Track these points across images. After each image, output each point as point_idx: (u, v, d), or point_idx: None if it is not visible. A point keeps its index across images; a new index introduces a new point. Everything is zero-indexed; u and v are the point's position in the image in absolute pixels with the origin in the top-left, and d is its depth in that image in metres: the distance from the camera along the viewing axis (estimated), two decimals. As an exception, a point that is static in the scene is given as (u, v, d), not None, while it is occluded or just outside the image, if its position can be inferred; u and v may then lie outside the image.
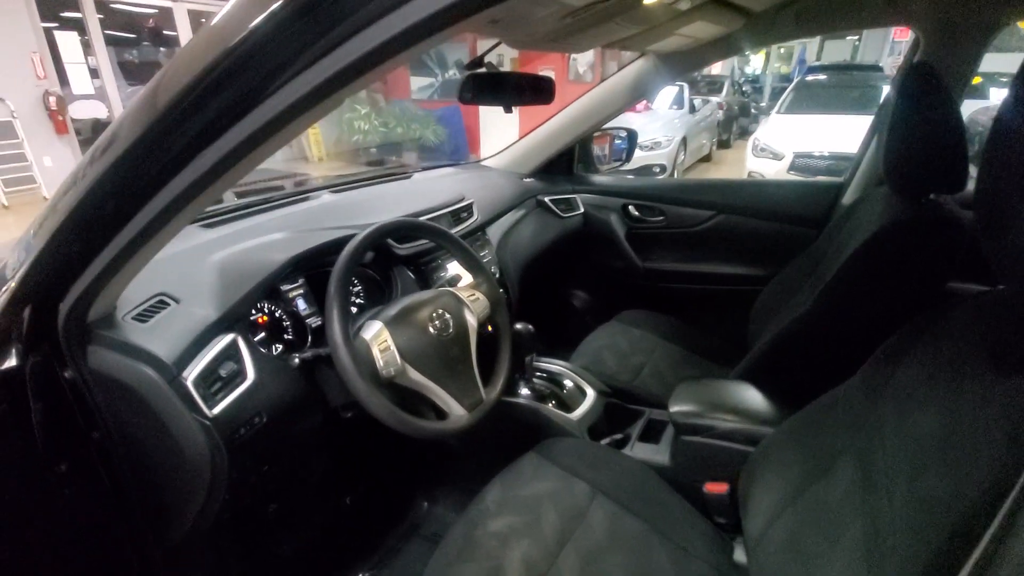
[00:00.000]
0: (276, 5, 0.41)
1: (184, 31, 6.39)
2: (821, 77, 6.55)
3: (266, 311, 0.90)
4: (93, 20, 5.65)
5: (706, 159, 7.63)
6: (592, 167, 1.90)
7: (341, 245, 0.87)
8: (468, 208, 1.40)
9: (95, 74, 5.83)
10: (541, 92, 1.08)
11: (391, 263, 1.12)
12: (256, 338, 0.85)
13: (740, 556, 0.81)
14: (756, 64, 16.04)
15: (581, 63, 7.81)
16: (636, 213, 1.80)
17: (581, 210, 1.81)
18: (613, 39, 1.14)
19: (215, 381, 0.74)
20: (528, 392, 1.18)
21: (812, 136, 4.96)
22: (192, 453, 0.70)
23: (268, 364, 0.83)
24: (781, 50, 15.53)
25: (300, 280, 0.95)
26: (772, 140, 5.19)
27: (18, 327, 0.60)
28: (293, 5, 0.41)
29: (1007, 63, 5.55)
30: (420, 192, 1.45)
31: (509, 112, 1.04)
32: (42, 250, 0.58)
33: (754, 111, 10.50)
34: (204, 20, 6.39)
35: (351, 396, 0.78)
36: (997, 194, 0.44)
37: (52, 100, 5.33)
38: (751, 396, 0.99)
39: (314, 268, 0.97)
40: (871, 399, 0.62)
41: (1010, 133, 0.44)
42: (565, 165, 1.86)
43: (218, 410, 0.73)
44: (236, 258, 0.90)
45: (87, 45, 5.68)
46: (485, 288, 1.04)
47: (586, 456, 0.96)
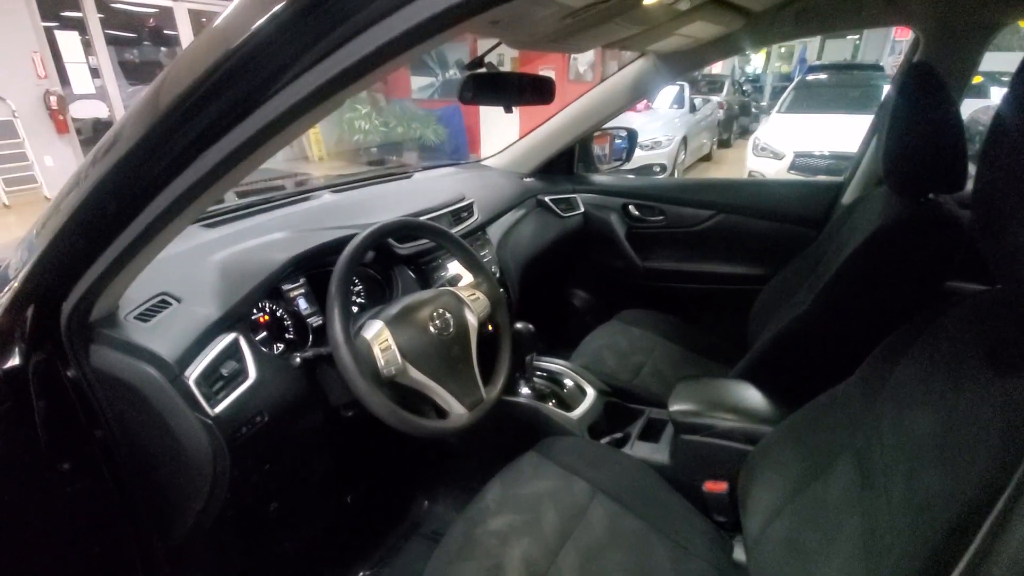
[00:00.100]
0: (278, 7, 0.42)
1: (185, 30, 6.39)
2: (822, 76, 6.55)
3: (267, 310, 0.90)
4: (94, 19, 5.65)
5: (706, 158, 7.63)
6: (592, 167, 1.90)
7: (342, 245, 0.87)
8: (468, 208, 1.40)
9: (96, 73, 5.84)
10: (541, 92, 1.08)
11: (392, 263, 1.12)
12: (257, 337, 0.86)
13: (739, 554, 0.81)
14: (757, 63, 16.02)
15: (581, 62, 7.81)
16: (636, 213, 1.80)
17: (581, 210, 1.81)
18: (613, 39, 1.14)
19: (217, 380, 0.75)
20: (528, 391, 1.18)
21: (812, 135, 4.96)
22: (194, 452, 0.71)
23: (269, 363, 0.83)
24: (782, 49, 15.51)
25: (301, 280, 0.95)
26: (772, 139, 5.18)
27: (21, 326, 0.60)
28: (295, 7, 0.41)
29: (1009, 62, 5.54)
30: (420, 192, 1.45)
31: (509, 112, 1.04)
32: (45, 250, 0.58)
33: (754, 110, 10.49)
34: (205, 19, 6.42)
35: (352, 395, 0.78)
36: (995, 193, 0.45)
37: (53, 99, 5.34)
38: (750, 395, 1.00)
39: (315, 268, 0.97)
40: (869, 398, 0.62)
41: (1009, 133, 0.44)
42: (565, 165, 1.86)
43: (220, 409, 0.73)
44: (237, 258, 0.90)
45: (88, 44, 5.68)
46: (485, 287, 1.05)
47: (586, 455, 0.96)
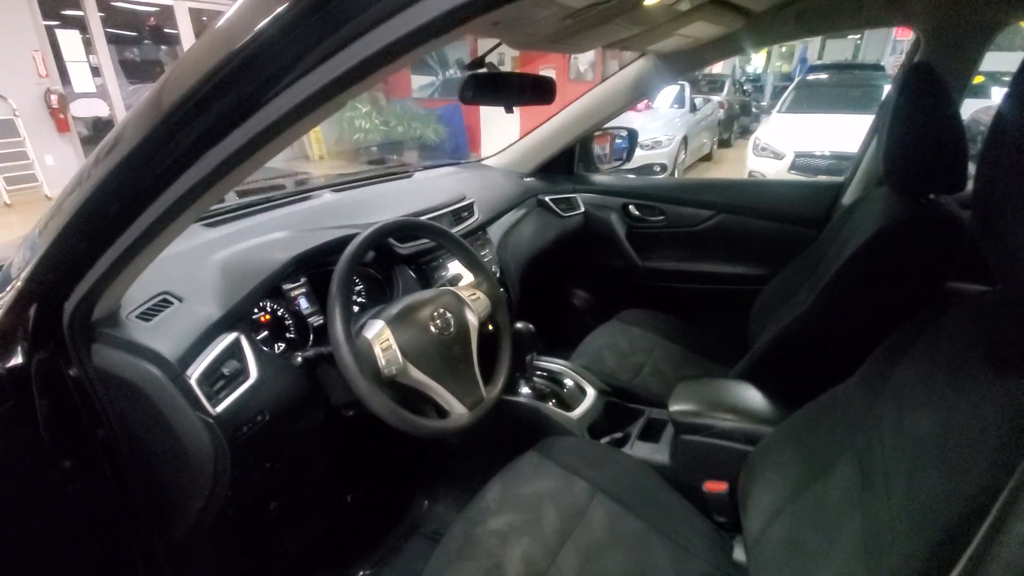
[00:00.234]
0: (281, 8, 0.42)
1: (185, 29, 6.39)
2: (822, 76, 6.54)
3: (268, 310, 0.90)
4: (94, 18, 5.65)
5: (707, 158, 7.62)
6: (593, 166, 1.90)
7: (343, 244, 0.87)
8: (469, 207, 1.40)
9: (96, 72, 5.84)
10: (542, 92, 1.08)
11: (392, 262, 1.12)
12: (258, 337, 0.86)
13: (739, 555, 0.81)
14: (757, 63, 16.01)
15: (582, 62, 7.81)
16: (636, 212, 1.80)
17: (581, 209, 1.81)
18: (614, 39, 1.14)
19: (218, 379, 0.75)
20: (528, 391, 1.18)
21: (813, 135, 4.95)
22: (195, 451, 0.71)
23: (270, 363, 0.83)
24: (782, 49, 15.49)
25: (302, 279, 0.95)
26: (773, 139, 5.18)
27: (24, 325, 0.61)
28: (298, 8, 0.42)
29: (1010, 62, 5.53)
30: (421, 191, 1.45)
31: (510, 112, 1.04)
32: (48, 249, 0.58)
33: (755, 110, 10.48)
34: (205, 18, 6.42)
35: (353, 395, 0.78)
36: (995, 194, 0.44)
37: (54, 98, 5.34)
38: (751, 395, 1.00)
39: (316, 267, 0.97)
40: (870, 398, 0.62)
41: (1009, 133, 0.44)
42: (566, 164, 1.86)
43: (221, 408, 0.73)
44: (238, 257, 0.91)
45: (88, 43, 5.68)
46: (486, 287, 1.05)
47: (586, 455, 0.96)
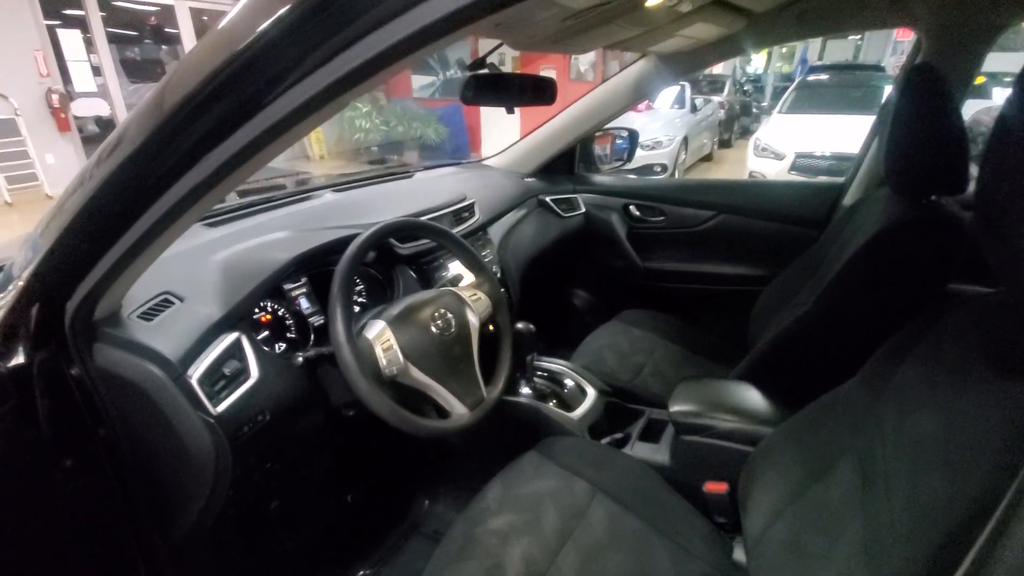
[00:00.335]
0: (283, 10, 0.42)
1: (186, 29, 6.39)
2: (823, 77, 6.54)
3: (269, 310, 0.90)
4: (95, 18, 5.65)
5: (707, 158, 7.62)
6: (593, 167, 1.90)
7: (343, 244, 0.87)
8: (470, 208, 1.40)
9: (97, 72, 5.85)
10: (543, 93, 1.08)
11: (393, 262, 1.12)
12: (259, 337, 0.86)
13: (740, 555, 0.81)
14: (758, 63, 16.01)
15: (583, 62, 7.82)
16: (637, 213, 1.80)
17: (582, 210, 1.81)
18: (615, 40, 1.15)
19: (219, 379, 0.75)
20: (529, 391, 1.18)
21: (814, 136, 4.95)
22: (196, 450, 0.71)
23: (271, 362, 0.83)
24: (783, 49, 15.49)
25: (303, 279, 0.95)
26: (773, 140, 5.18)
27: (26, 325, 0.61)
28: (300, 10, 0.42)
29: (1012, 63, 5.52)
30: (422, 191, 1.45)
31: (511, 113, 1.05)
32: (49, 249, 0.58)
33: (755, 111, 10.49)
34: (206, 17, 6.42)
35: (353, 395, 0.78)
36: (998, 195, 0.44)
37: (55, 98, 5.35)
38: (751, 396, 1.00)
39: (317, 267, 0.97)
40: (871, 399, 0.62)
41: (1012, 134, 0.43)
42: (566, 165, 1.86)
43: (222, 408, 0.73)
44: (239, 257, 0.91)
45: (89, 43, 5.69)
46: (487, 288, 1.05)
47: (586, 455, 0.96)
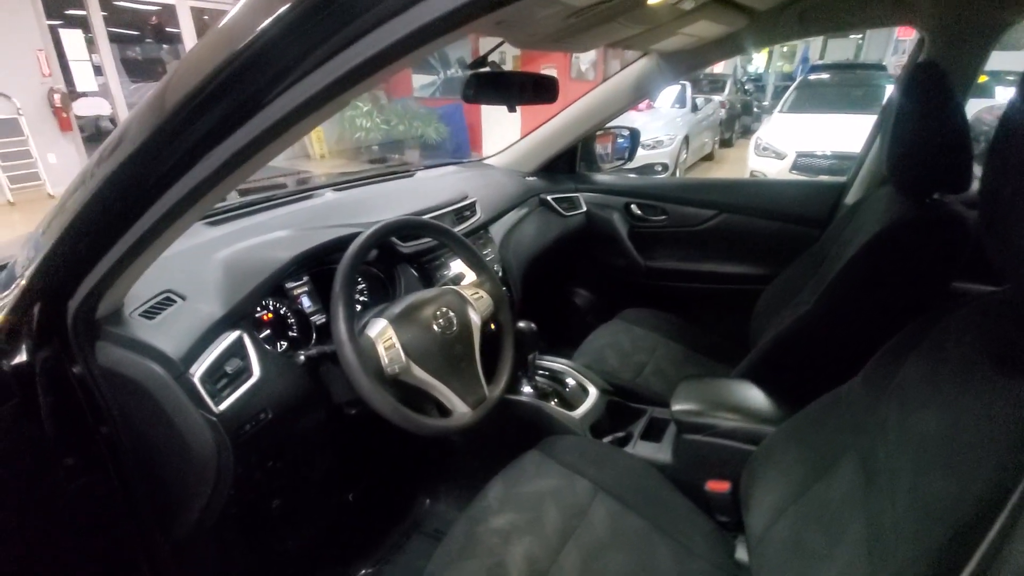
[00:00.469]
0: (283, 8, 0.42)
1: (187, 28, 6.40)
2: (824, 76, 6.53)
3: (271, 308, 0.91)
4: (97, 17, 5.66)
5: (708, 158, 7.61)
6: (595, 166, 1.90)
7: (345, 243, 0.87)
8: (471, 206, 1.40)
9: (99, 71, 5.85)
10: (544, 91, 1.08)
11: (395, 261, 1.12)
12: (261, 335, 0.86)
13: (742, 554, 0.81)
14: (759, 62, 15.98)
15: (583, 61, 7.81)
16: (638, 212, 1.80)
17: (583, 209, 1.81)
18: (617, 38, 1.14)
19: (221, 377, 0.75)
20: (530, 390, 1.18)
21: (815, 135, 4.95)
22: (198, 449, 0.71)
23: (273, 361, 0.83)
24: (784, 48, 15.46)
25: (305, 278, 0.95)
26: (774, 139, 5.17)
27: (28, 323, 0.61)
28: (300, 8, 0.41)
29: (1015, 61, 5.50)
30: (423, 190, 1.45)
31: (513, 111, 1.04)
32: (51, 248, 0.58)
33: (756, 110, 10.47)
34: (207, 17, 6.42)
35: (355, 393, 0.78)
36: (1002, 193, 0.44)
37: (57, 97, 5.36)
38: (753, 395, 0.99)
39: (318, 266, 0.97)
40: (874, 398, 0.62)
41: (1016, 132, 0.43)
42: (568, 164, 1.86)
43: (224, 406, 0.73)
44: (241, 256, 0.91)
45: (91, 42, 5.70)
46: (488, 286, 1.05)
47: (588, 454, 0.96)
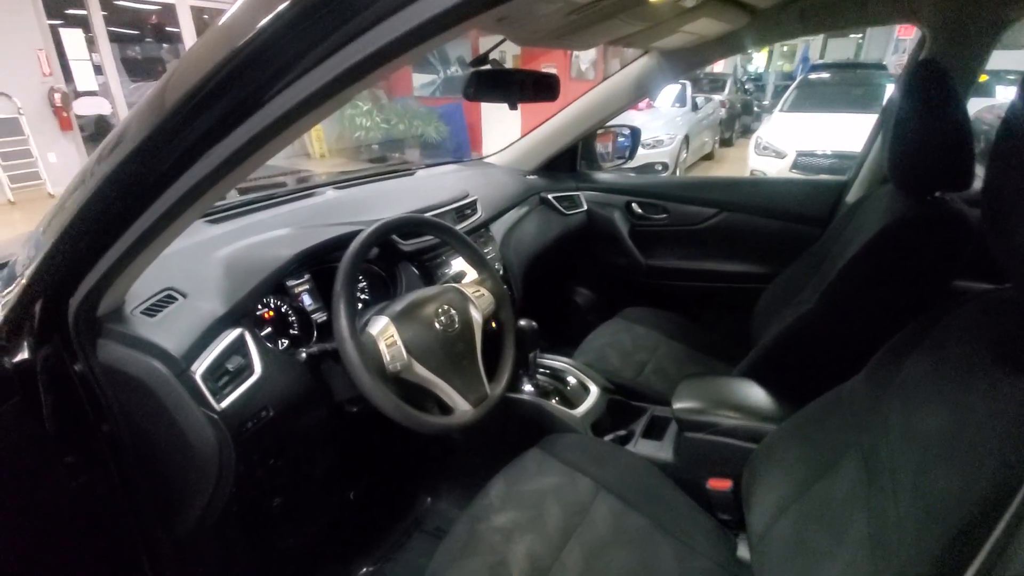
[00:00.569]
0: (283, 5, 0.41)
1: (187, 27, 6.39)
2: (824, 75, 6.54)
3: (272, 306, 0.90)
4: (97, 17, 5.66)
5: (708, 157, 7.61)
6: (595, 164, 1.90)
7: (346, 241, 0.87)
8: (472, 205, 1.40)
9: (99, 70, 5.85)
10: (546, 89, 1.08)
11: (396, 259, 1.12)
12: (262, 333, 0.86)
13: (744, 552, 0.81)
14: (759, 62, 15.98)
15: (583, 60, 7.81)
16: (639, 210, 1.80)
17: (584, 207, 1.81)
18: (618, 36, 1.14)
19: (223, 375, 0.75)
20: (532, 388, 1.18)
21: (815, 134, 4.95)
22: (200, 446, 0.71)
23: (275, 359, 0.83)
24: (784, 48, 15.46)
25: (306, 276, 0.95)
26: (775, 138, 5.17)
27: (30, 321, 0.61)
28: (301, 5, 0.41)
29: (1015, 60, 5.49)
30: (424, 189, 1.45)
31: (514, 109, 1.04)
32: (52, 247, 0.58)
33: (756, 109, 10.47)
34: (207, 16, 6.42)
35: (357, 391, 0.78)
36: (1006, 191, 0.44)
37: (57, 96, 5.36)
38: (754, 393, 0.99)
39: (319, 264, 0.97)
40: (876, 396, 0.62)
41: (1020, 130, 0.43)
42: (568, 162, 1.86)
43: (226, 404, 0.73)
44: (242, 254, 0.91)
45: (91, 42, 5.69)
46: (490, 284, 1.05)
47: (589, 452, 0.96)
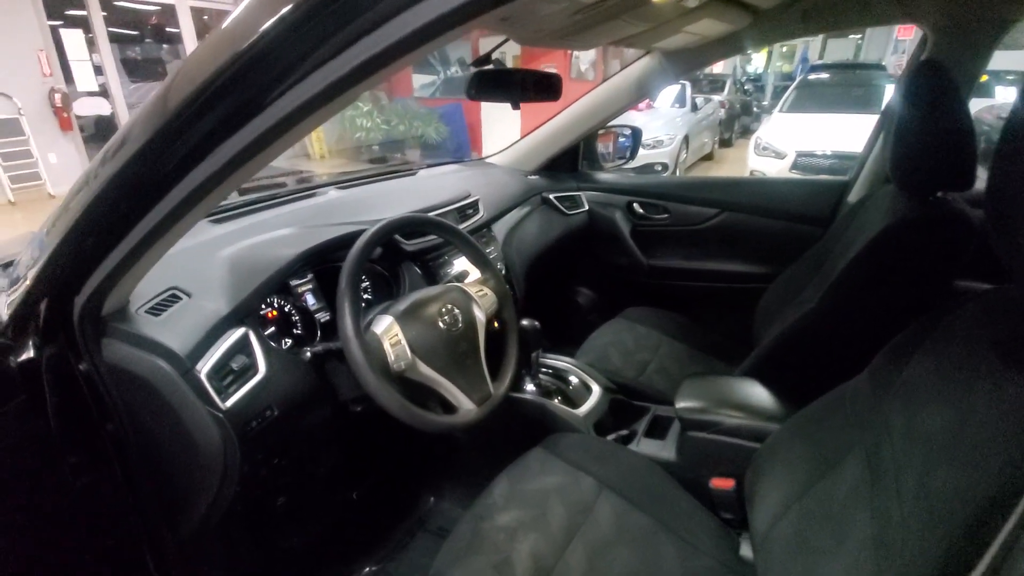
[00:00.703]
0: (286, 8, 0.41)
1: (187, 28, 6.39)
2: (824, 76, 6.55)
3: (275, 306, 0.91)
4: (97, 18, 5.66)
5: (708, 157, 7.61)
6: (596, 164, 1.90)
7: (349, 241, 0.87)
8: (474, 205, 1.40)
9: (99, 71, 5.85)
10: (548, 89, 1.08)
11: (399, 259, 1.12)
12: (266, 332, 0.86)
13: (746, 551, 0.81)
14: (758, 62, 15.99)
15: (583, 61, 7.81)
16: (641, 211, 1.80)
17: (586, 207, 1.81)
18: (620, 36, 1.14)
19: (227, 374, 0.75)
20: (534, 388, 1.18)
21: (814, 135, 4.96)
22: (205, 445, 0.71)
23: (279, 358, 0.83)
24: (783, 48, 15.47)
25: (309, 275, 0.95)
26: (774, 139, 5.18)
27: (35, 320, 0.61)
28: (304, 7, 0.41)
29: (1015, 60, 5.50)
30: (426, 189, 1.46)
31: (516, 108, 1.05)
32: (57, 247, 0.58)
33: (756, 110, 10.48)
34: (207, 17, 6.42)
35: (360, 390, 0.78)
36: (1009, 190, 0.44)
37: (57, 97, 5.36)
38: (757, 392, 0.99)
39: (323, 264, 0.97)
40: (879, 396, 0.62)
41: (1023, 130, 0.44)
42: (570, 162, 1.86)
43: (231, 403, 0.73)
44: (246, 253, 0.91)
45: (91, 42, 5.70)
46: (493, 284, 1.05)
47: (592, 451, 0.96)
